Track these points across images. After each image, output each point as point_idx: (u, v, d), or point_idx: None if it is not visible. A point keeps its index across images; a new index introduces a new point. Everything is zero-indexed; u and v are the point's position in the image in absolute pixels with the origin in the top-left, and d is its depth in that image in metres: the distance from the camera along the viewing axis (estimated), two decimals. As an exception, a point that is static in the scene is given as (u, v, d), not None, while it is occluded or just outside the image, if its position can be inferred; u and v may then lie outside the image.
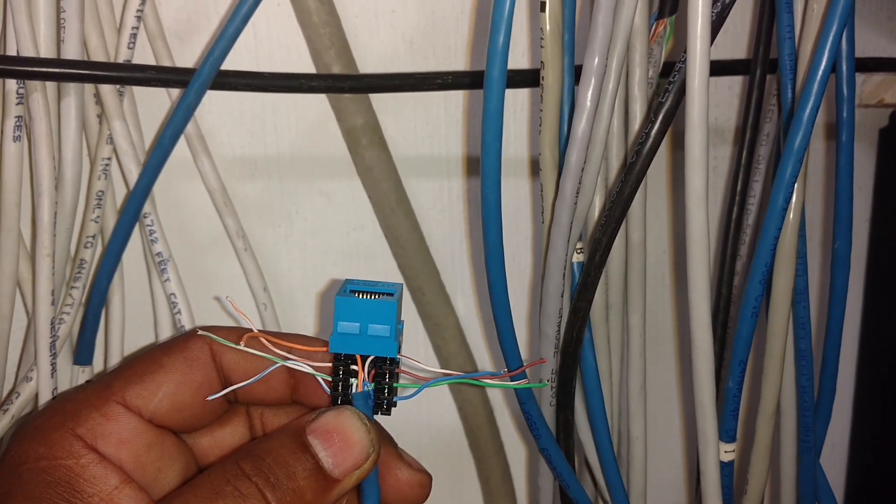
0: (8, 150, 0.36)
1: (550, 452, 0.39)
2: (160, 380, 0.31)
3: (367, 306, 0.31)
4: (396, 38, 0.43)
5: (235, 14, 0.35)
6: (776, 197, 0.35)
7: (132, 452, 0.30)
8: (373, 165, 0.43)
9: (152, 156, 0.37)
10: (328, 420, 0.30)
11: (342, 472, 0.29)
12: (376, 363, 0.31)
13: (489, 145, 0.31)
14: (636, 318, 0.41)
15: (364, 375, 0.31)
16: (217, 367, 0.32)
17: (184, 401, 0.31)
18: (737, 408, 0.38)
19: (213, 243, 0.43)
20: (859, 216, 0.51)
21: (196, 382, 0.31)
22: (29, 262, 0.38)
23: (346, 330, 0.30)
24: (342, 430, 0.29)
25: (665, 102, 0.34)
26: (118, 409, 0.30)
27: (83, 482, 0.28)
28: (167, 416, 0.31)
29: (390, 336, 0.30)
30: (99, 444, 0.29)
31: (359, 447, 0.29)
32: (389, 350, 0.30)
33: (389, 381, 0.31)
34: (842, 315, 0.40)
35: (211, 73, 0.36)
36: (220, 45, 0.35)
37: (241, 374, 0.32)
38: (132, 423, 0.30)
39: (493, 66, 0.30)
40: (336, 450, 0.29)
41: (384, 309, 0.31)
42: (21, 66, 0.34)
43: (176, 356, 0.31)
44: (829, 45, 0.33)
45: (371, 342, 0.30)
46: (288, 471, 0.28)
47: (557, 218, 0.35)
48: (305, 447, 0.29)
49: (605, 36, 0.33)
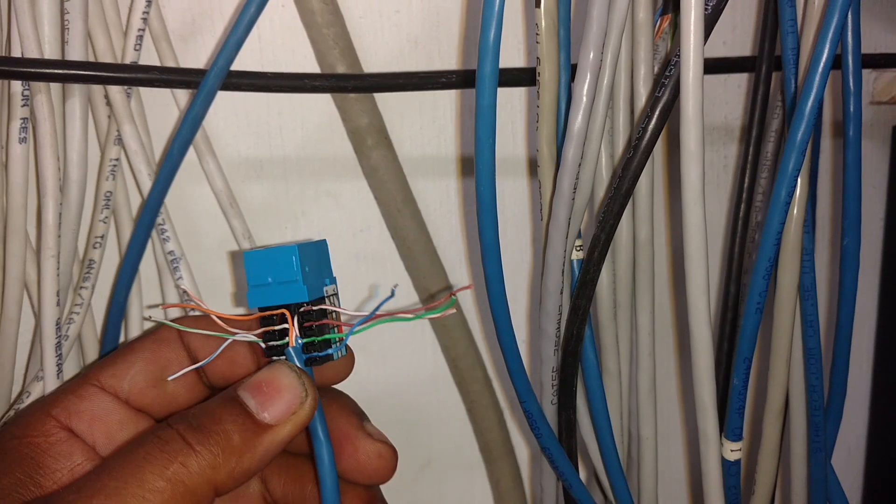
0: (14, 152, 0.37)
1: (552, 452, 0.39)
2: (131, 360, 0.32)
3: (269, 255, 0.32)
4: (401, 39, 0.43)
5: (239, 21, 0.35)
6: (779, 191, 0.35)
7: (105, 429, 0.30)
8: (378, 166, 0.43)
9: (162, 167, 0.38)
10: (258, 375, 0.30)
11: (273, 416, 0.29)
12: (304, 317, 0.31)
13: (482, 141, 0.31)
14: (645, 318, 0.41)
15: (295, 331, 0.31)
16: (186, 349, 0.33)
17: (155, 376, 0.32)
18: (742, 406, 0.38)
19: (219, 245, 0.44)
20: (873, 215, 0.50)
21: (164, 360, 0.32)
22: (35, 264, 0.39)
23: (258, 282, 0.31)
24: (271, 380, 0.30)
25: (662, 97, 0.34)
26: (92, 390, 0.31)
27: (49, 458, 0.29)
28: (141, 395, 0.31)
29: (297, 280, 0.31)
30: (73, 423, 0.30)
31: (288, 392, 0.29)
32: (300, 294, 0.31)
33: (319, 332, 0.32)
34: (851, 313, 0.39)
35: (216, 81, 0.36)
36: (225, 54, 0.35)
37: (206, 356, 0.32)
38: (105, 402, 0.31)
39: (485, 62, 0.30)
40: (265, 397, 0.29)
41: (286, 255, 0.31)
42: (25, 68, 0.35)
43: (146, 339, 0.32)
44: (831, 36, 0.33)
45: (282, 290, 0.31)
46: (213, 417, 0.28)
47: (555, 214, 0.35)
48: (234, 399, 0.29)
49: (599, 30, 0.33)
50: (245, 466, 0.28)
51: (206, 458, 0.27)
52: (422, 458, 0.48)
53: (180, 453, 0.27)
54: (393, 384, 0.47)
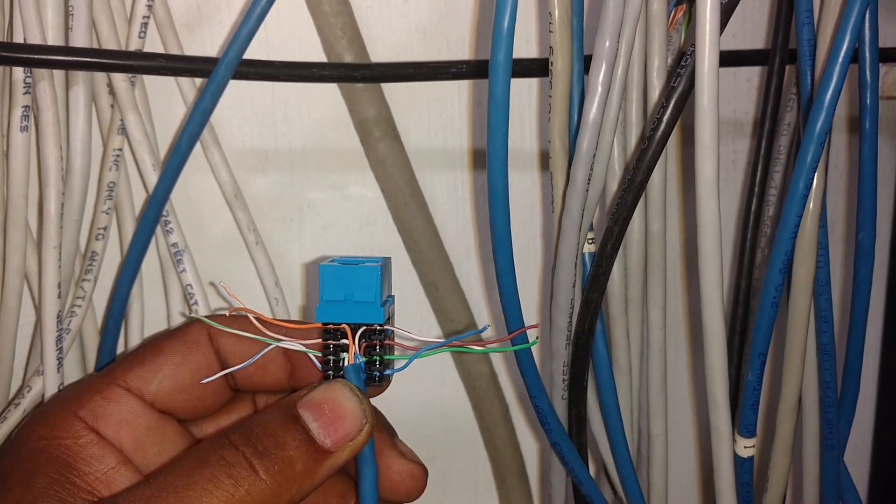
0: (15, 141, 0.36)
1: (562, 447, 0.38)
2: (160, 362, 0.31)
3: (350, 273, 0.31)
4: (409, 29, 0.43)
5: (250, 13, 0.34)
6: (796, 183, 0.34)
7: (132, 434, 0.30)
8: (385, 158, 0.42)
9: (170, 160, 0.37)
10: (319, 393, 0.29)
11: (334, 442, 0.29)
12: (366, 336, 0.31)
13: (495, 132, 0.31)
14: (656, 313, 0.41)
15: (355, 349, 0.31)
16: (216, 351, 0.32)
17: (184, 381, 0.31)
18: (756, 401, 0.38)
19: (223, 237, 0.43)
20: (882, 210, 0.50)
21: (195, 364, 0.32)
22: (36, 255, 0.38)
23: (332, 297, 0.31)
24: (333, 402, 0.29)
25: (677, 87, 0.33)
26: (119, 392, 0.30)
27: (81, 461, 0.29)
28: (168, 398, 0.31)
29: (375, 301, 0.31)
30: (100, 426, 0.30)
31: (350, 417, 0.29)
32: (376, 316, 0.31)
33: (380, 353, 0.31)
34: (866, 308, 0.39)
35: (227, 73, 0.35)
36: (235, 46, 0.35)
37: (238, 359, 0.32)
38: (133, 405, 0.30)
39: (499, 50, 0.30)
40: (327, 421, 0.29)
41: (368, 275, 0.31)
42: (28, 54, 0.34)
43: (175, 340, 0.32)
44: (851, 27, 0.32)
45: (357, 309, 0.31)
46: (277, 440, 0.28)
47: (568, 207, 0.35)
48: (296, 419, 0.29)
49: (615, 19, 0.33)
50: (304, 492, 0.28)
51: (270, 487, 0.27)
52: (426, 455, 0.48)
53: (246, 480, 0.27)
54: (397, 381, 0.47)
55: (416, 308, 0.46)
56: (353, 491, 0.33)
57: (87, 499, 0.28)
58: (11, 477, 0.28)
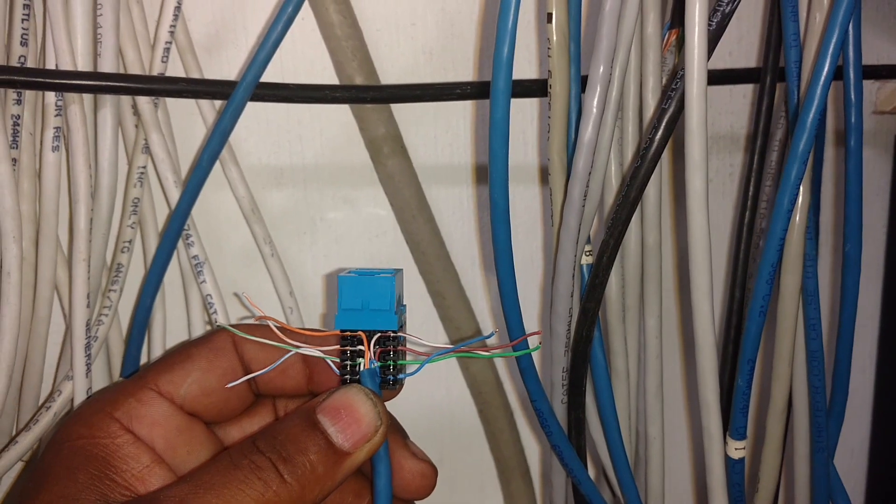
0: (47, 160, 0.38)
1: (562, 449, 0.40)
2: (188, 367, 0.33)
3: (367, 283, 0.33)
4: (417, 51, 0.45)
5: (267, 38, 0.37)
6: (781, 199, 0.36)
7: (164, 434, 0.32)
8: (394, 173, 0.44)
9: (191, 178, 0.39)
10: (336, 398, 0.31)
11: (352, 445, 0.30)
12: (381, 342, 0.33)
13: (496, 152, 0.33)
14: (652, 321, 0.42)
15: (370, 354, 0.33)
16: (240, 357, 0.34)
17: (210, 386, 0.33)
18: (746, 405, 0.39)
19: (241, 250, 0.45)
20: (876, 222, 0.51)
21: (220, 369, 0.33)
22: (66, 268, 0.40)
23: (350, 306, 0.33)
24: (349, 406, 0.31)
25: (668, 109, 0.35)
26: (151, 395, 0.32)
27: (118, 459, 0.30)
28: (196, 401, 0.33)
29: (390, 309, 0.33)
30: (134, 426, 0.31)
31: (366, 420, 0.31)
32: (390, 323, 0.33)
33: (394, 358, 0.33)
34: (853, 316, 0.40)
35: (245, 96, 0.37)
36: (253, 70, 0.37)
37: (260, 365, 0.34)
38: (164, 407, 0.32)
39: (499, 77, 0.32)
40: (344, 425, 0.30)
41: (383, 285, 0.33)
42: (59, 80, 0.36)
43: (202, 347, 0.34)
44: (832, 50, 0.34)
45: (373, 317, 0.33)
46: (299, 446, 0.29)
47: (566, 221, 0.36)
48: (315, 425, 0.30)
49: (608, 45, 0.34)
50: (326, 492, 0.30)
51: (295, 490, 0.29)
52: (434, 457, 0.49)
53: (273, 482, 0.28)
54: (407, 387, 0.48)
55: (424, 316, 0.47)
56: (367, 489, 0.35)
57: (126, 495, 0.30)
58: (54, 471, 0.29)
